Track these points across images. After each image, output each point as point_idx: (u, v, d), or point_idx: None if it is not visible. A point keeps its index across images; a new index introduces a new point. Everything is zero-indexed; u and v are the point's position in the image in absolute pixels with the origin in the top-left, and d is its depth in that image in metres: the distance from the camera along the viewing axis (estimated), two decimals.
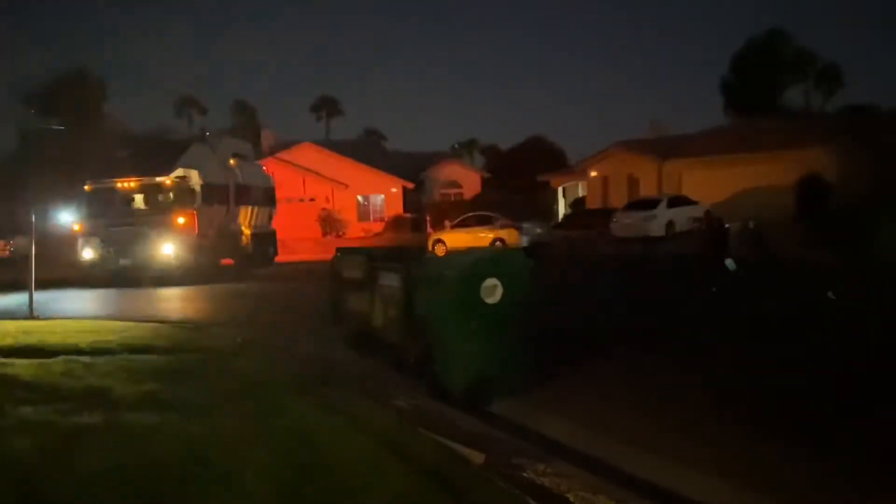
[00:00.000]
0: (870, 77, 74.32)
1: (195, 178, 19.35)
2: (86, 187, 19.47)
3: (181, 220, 18.77)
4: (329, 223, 38.87)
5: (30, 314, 11.25)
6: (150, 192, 19.34)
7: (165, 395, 5.04)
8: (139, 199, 19.56)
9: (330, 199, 40.60)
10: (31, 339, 7.47)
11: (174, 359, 6.59)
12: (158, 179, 19.06)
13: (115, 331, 8.52)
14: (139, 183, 19.14)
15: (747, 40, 42.48)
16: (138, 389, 5.17)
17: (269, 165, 29.07)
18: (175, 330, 9.41)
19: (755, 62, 40.60)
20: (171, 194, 19.09)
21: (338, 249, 9.45)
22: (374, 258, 7.88)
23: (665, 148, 33.27)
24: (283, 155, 40.53)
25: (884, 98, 79.66)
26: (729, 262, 14.57)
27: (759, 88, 40.19)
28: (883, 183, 22.34)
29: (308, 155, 41.60)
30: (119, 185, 19.19)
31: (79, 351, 6.73)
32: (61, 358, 6.27)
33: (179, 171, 19.06)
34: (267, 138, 45.71)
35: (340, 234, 38.60)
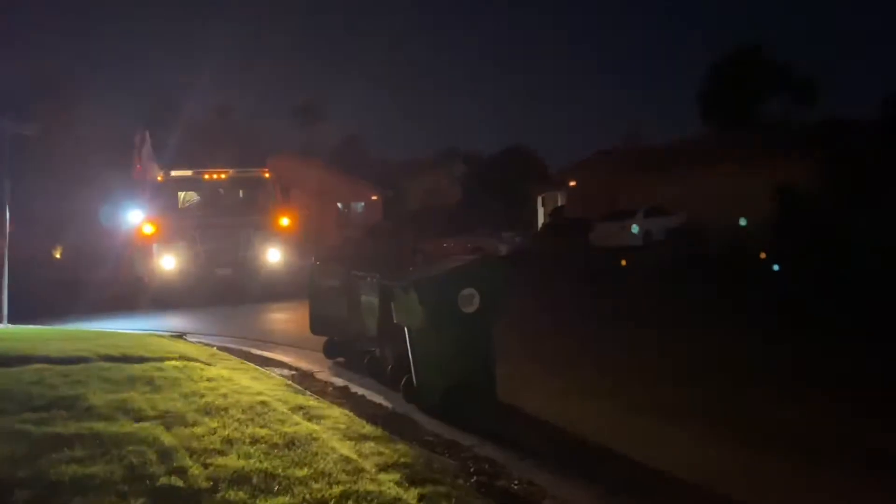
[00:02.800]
0: (846, 90, 75.69)
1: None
2: (158, 177, 15.56)
3: (285, 221, 15.91)
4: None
5: None
6: (246, 186, 16.42)
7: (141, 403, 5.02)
8: (230, 195, 16.55)
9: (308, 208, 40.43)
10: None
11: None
12: (256, 172, 16.35)
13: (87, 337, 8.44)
14: (231, 175, 16.05)
15: (725, 52, 43.06)
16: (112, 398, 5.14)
17: None
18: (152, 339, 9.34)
19: (733, 74, 41.12)
20: (271, 190, 16.22)
21: (316, 258, 9.46)
22: (351, 266, 7.88)
23: (643, 158, 33.65)
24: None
25: (859, 111, 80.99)
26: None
27: (736, 100, 40.71)
28: (858, 194, 22.76)
29: (284, 163, 41.39)
30: (206, 176, 15.83)
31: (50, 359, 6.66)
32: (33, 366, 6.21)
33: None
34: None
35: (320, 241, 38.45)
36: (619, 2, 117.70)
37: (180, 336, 9.90)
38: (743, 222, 24.55)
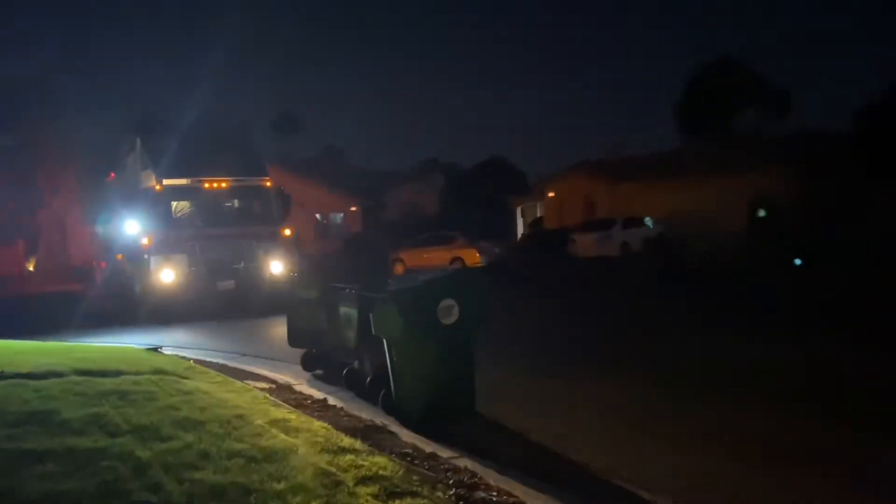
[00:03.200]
0: (818, 102, 77.02)
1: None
2: (156, 186, 14.69)
3: (287, 232, 15.59)
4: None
5: None
6: (246, 195, 15.70)
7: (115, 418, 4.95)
8: (230, 204, 15.81)
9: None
10: None
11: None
12: (257, 181, 15.67)
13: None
14: (232, 184, 15.32)
15: (700, 65, 43.67)
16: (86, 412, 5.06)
17: None
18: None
19: (708, 87, 41.70)
20: (272, 200, 15.66)
21: (294, 270, 9.42)
22: (330, 278, 7.86)
23: (620, 170, 33.97)
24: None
25: (831, 122, 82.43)
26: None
27: (711, 112, 41.27)
28: (828, 203, 23.16)
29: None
30: (207, 185, 15.03)
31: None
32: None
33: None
34: None
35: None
36: (599, 15, 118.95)
37: (156, 349, 9.79)
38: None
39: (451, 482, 4.30)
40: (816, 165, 26.44)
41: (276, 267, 14.75)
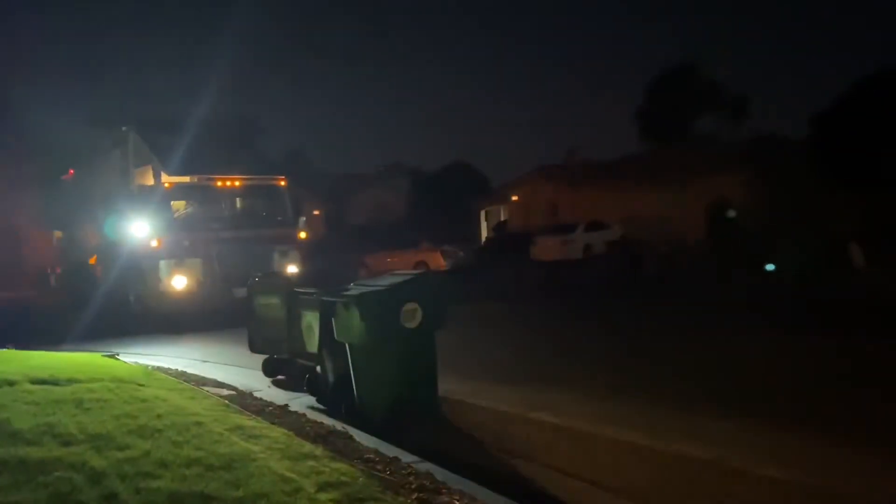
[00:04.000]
0: (775, 108, 78.87)
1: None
2: (164, 183, 13.52)
3: (302, 235, 14.98)
4: None
5: None
6: (260, 195, 14.90)
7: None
8: (243, 204, 14.91)
9: None
10: None
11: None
12: (271, 180, 14.85)
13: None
14: (246, 182, 14.37)
15: (660, 71, 44.35)
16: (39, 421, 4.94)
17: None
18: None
19: (667, 92, 42.41)
20: (287, 200, 14.93)
21: (255, 276, 9.32)
22: (291, 283, 7.80)
23: (583, 174, 34.35)
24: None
25: (786, 127, 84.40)
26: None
27: (671, 117, 41.97)
28: (784, 207, 23.73)
29: None
30: (219, 183, 14.06)
31: None
32: None
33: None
34: None
35: None
36: (559, 20, 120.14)
37: (113, 356, 9.60)
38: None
39: (413, 486, 4.29)
40: (774, 170, 27.07)
41: (293, 271, 14.01)
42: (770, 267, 17.45)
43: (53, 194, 20.00)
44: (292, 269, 14.16)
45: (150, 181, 13.77)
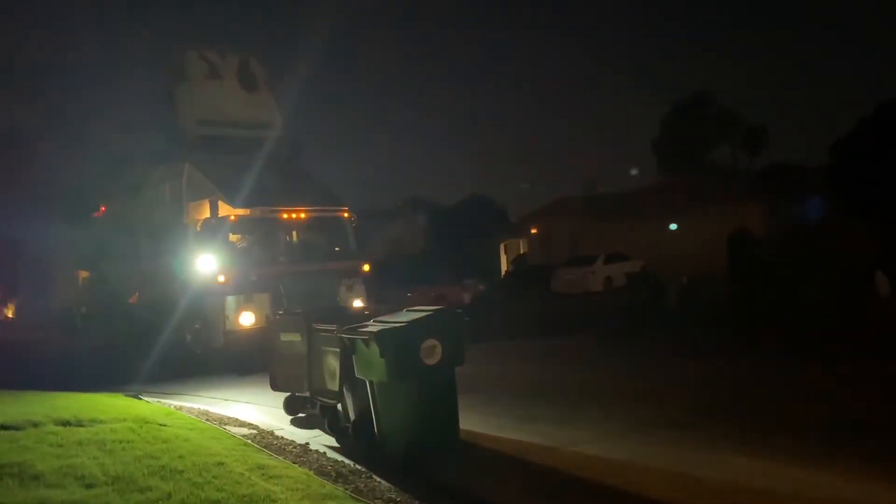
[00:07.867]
0: (792, 137, 78.58)
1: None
2: (230, 216, 13.01)
3: (366, 268, 14.42)
4: None
5: None
6: (324, 227, 14.41)
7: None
8: (309, 236, 14.47)
9: None
10: None
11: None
12: (335, 210, 14.35)
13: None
14: (311, 214, 13.89)
15: (675, 102, 44.55)
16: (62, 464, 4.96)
17: None
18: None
19: (683, 123, 42.52)
20: (350, 231, 14.46)
21: (276, 311, 9.35)
22: (312, 320, 7.79)
23: (601, 205, 34.35)
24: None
25: (803, 156, 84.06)
26: None
27: (687, 148, 42.02)
28: (802, 236, 23.51)
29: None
30: (285, 215, 13.63)
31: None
32: None
33: None
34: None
35: None
36: (576, 49, 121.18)
37: (136, 396, 9.65)
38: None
39: None
40: (794, 198, 26.92)
41: (359, 305, 13.27)
42: (793, 295, 17.14)
43: (82, 232, 19.35)
44: (358, 302, 13.56)
45: (207, 214, 13.21)
